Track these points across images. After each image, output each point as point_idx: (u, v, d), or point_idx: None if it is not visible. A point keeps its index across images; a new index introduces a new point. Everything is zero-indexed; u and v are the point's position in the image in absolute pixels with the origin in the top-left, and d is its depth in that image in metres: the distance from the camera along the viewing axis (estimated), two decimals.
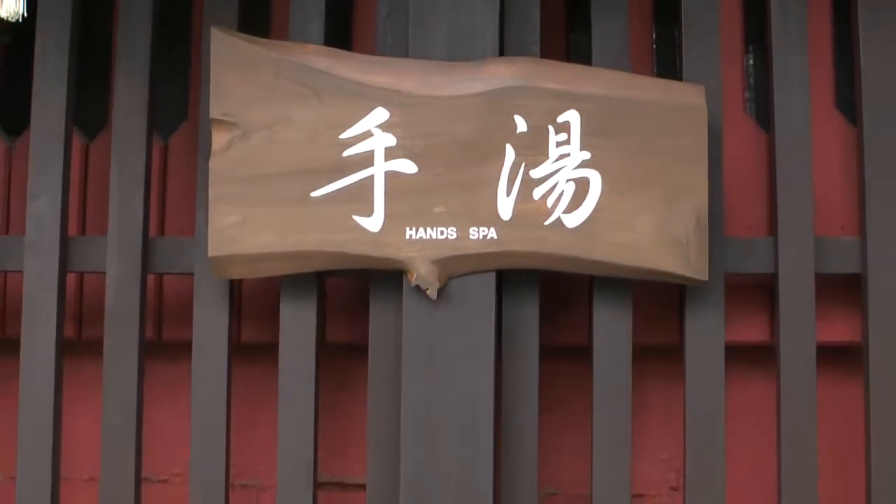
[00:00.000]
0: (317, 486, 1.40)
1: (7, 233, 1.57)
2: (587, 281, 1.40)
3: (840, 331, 1.46)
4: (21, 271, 1.45)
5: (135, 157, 1.44)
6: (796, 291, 1.38)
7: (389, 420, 1.36)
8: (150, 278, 1.48)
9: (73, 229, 1.50)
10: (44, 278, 1.44)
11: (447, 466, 1.32)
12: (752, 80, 1.65)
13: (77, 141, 1.54)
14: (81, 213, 1.56)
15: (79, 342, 1.53)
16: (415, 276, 1.31)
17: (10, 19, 1.22)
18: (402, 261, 1.31)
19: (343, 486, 1.55)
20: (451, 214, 1.31)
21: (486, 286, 1.33)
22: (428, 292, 1.31)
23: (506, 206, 1.31)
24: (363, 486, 1.42)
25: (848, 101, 1.48)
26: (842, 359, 1.48)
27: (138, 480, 1.42)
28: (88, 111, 1.59)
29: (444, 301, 1.33)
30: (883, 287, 1.38)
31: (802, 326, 1.38)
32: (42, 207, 1.44)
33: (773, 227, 1.41)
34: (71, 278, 1.49)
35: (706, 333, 1.38)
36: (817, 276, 1.38)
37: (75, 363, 1.52)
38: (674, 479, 1.53)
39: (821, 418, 1.39)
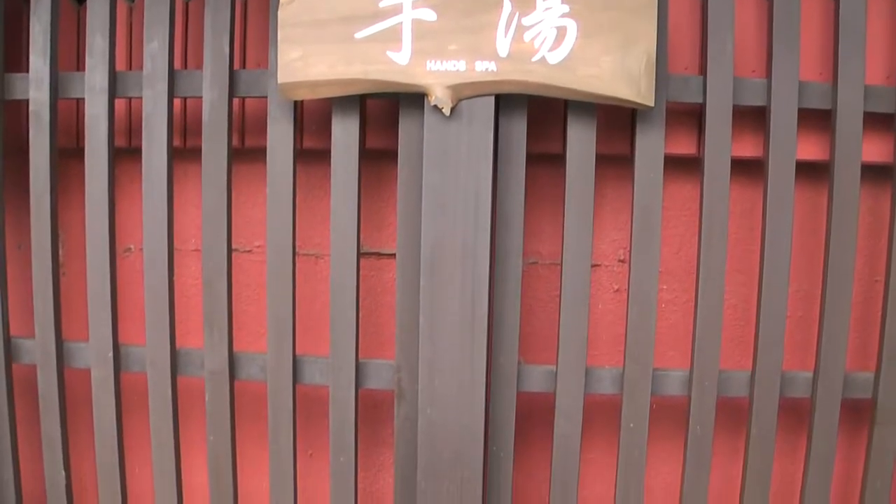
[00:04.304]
0: (359, 254, 1.42)
1: (130, 69, 1.55)
2: (563, 104, 1.38)
3: (749, 148, 1.45)
4: (141, 97, 1.44)
5: (222, 10, 1.41)
6: (718, 118, 1.37)
7: (414, 205, 1.38)
8: (235, 101, 1.47)
9: (177, 64, 1.49)
10: (157, 102, 1.43)
11: (456, 238, 1.35)
12: None
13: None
14: (184, 52, 1.54)
15: (184, 149, 1.53)
16: (433, 97, 1.30)
17: None
18: (424, 86, 1.31)
19: (379, 255, 1.57)
20: (461, 51, 1.29)
21: (487, 106, 1.33)
22: (443, 110, 1.31)
23: (503, 46, 1.29)
24: (394, 255, 1.44)
25: None
26: (749, 169, 1.48)
27: (230, 250, 1.45)
28: None
29: (456, 117, 1.33)
30: (781, 117, 1.37)
31: (721, 144, 1.38)
32: (155, 49, 1.43)
33: (703, 68, 1.39)
34: (176, 102, 1.49)
35: (651, 146, 1.37)
36: (734, 106, 1.37)
37: (182, 165, 1.52)
38: (622, 254, 1.55)
39: (731, 213, 1.41)
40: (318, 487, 1.59)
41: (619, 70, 1.29)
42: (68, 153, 1.55)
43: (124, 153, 1.54)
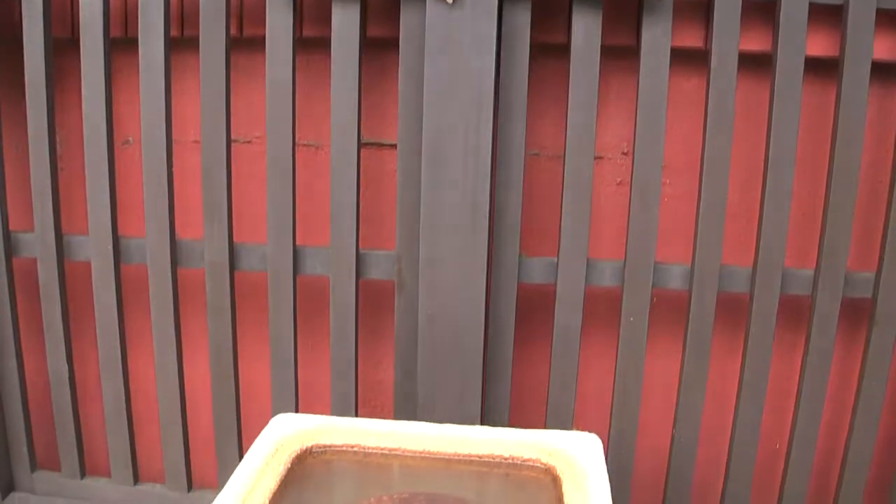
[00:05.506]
0: (360, 145, 1.41)
1: None
2: None
3: (757, 42, 1.43)
4: None
5: None
6: (727, 9, 1.34)
7: (415, 95, 1.36)
8: None
9: None
10: None
11: (458, 129, 1.34)
12: None
13: None
14: None
15: (181, 39, 1.51)
16: None
17: None
18: None
19: (380, 145, 1.55)
20: None
21: None
22: None
23: None
24: (395, 145, 1.43)
25: None
26: (757, 65, 1.45)
27: (229, 141, 1.44)
28: None
29: (458, 5, 1.30)
30: (791, 10, 1.34)
31: (729, 37, 1.35)
32: None
33: None
34: None
35: (657, 38, 1.35)
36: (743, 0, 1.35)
37: (179, 56, 1.51)
38: (625, 146, 1.54)
39: (737, 109, 1.39)
40: (318, 378, 1.61)
41: None
42: (63, 44, 1.53)
43: (121, 43, 1.52)
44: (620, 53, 1.46)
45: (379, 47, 1.48)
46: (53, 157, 1.49)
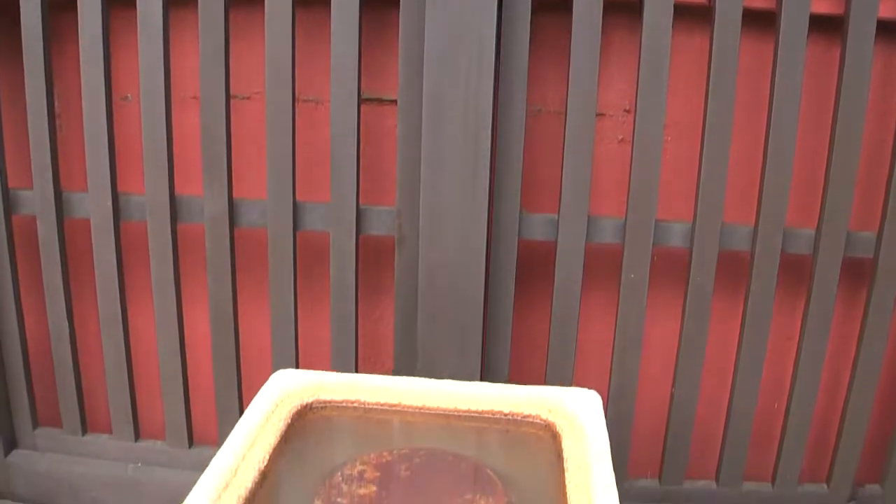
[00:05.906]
0: (360, 101, 1.40)
1: None
2: None
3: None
4: None
5: None
6: None
7: (416, 50, 1.35)
8: None
9: None
10: None
11: (458, 83, 1.33)
12: None
13: None
14: None
15: None
16: None
17: None
18: None
19: (380, 101, 1.53)
20: None
21: None
22: None
23: None
24: (395, 101, 1.43)
25: None
26: (761, 22, 1.44)
27: (228, 97, 1.43)
28: None
29: None
30: None
31: None
32: None
33: None
34: None
35: None
36: None
37: (178, 12, 1.48)
38: (627, 104, 1.53)
39: (741, 67, 1.39)
40: (319, 334, 1.62)
41: None
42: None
43: None
44: (623, 9, 1.44)
45: (379, 1, 1.46)
46: (52, 113, 1.49)
